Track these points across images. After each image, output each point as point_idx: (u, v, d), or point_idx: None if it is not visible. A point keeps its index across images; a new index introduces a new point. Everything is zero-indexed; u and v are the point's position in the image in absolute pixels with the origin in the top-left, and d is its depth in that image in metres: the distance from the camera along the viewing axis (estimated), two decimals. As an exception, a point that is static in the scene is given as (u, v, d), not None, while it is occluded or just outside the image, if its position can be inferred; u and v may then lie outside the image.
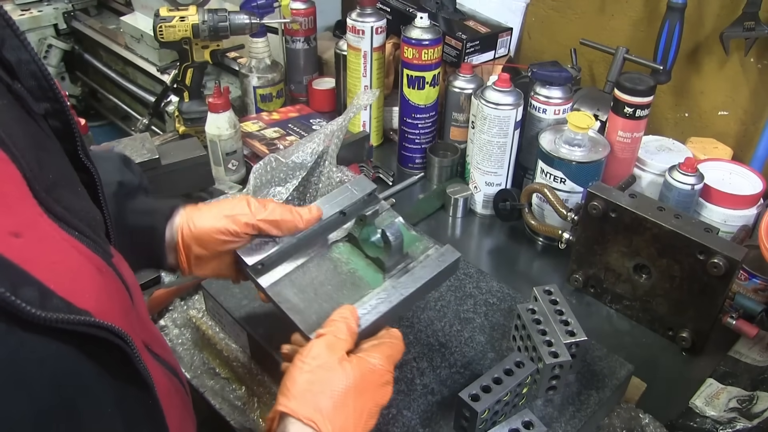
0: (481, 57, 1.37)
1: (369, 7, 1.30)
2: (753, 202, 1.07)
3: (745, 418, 0.83)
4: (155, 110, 1.58)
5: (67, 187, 0.50)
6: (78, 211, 0.49)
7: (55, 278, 0.40)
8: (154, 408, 0.50)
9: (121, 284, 0.51)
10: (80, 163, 0.55)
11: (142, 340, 0.54)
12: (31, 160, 0.45)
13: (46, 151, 0.49)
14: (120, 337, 0.43)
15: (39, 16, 2.11)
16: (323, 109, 1.53)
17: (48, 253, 0.42)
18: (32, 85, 0.49)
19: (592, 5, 1.39)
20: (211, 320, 0.92)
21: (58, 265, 0.42)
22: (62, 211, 0.46)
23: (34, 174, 0.44)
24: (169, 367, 0.60)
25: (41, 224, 0.44)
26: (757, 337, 0.93)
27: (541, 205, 1.14)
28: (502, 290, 0.91)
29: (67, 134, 0.53)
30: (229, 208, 0.70)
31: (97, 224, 0.53)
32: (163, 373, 0.58)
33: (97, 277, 0.47)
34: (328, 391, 0.57)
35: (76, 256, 0.45)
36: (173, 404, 0.58)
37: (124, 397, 0.46)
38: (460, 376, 0.78)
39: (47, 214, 0.45)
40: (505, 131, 1.15)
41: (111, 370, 0.44)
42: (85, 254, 0.47)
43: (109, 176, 0.70)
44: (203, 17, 1.29)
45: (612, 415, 0.82)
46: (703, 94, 1.30)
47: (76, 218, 0.48)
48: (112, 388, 0.44)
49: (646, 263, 0.96)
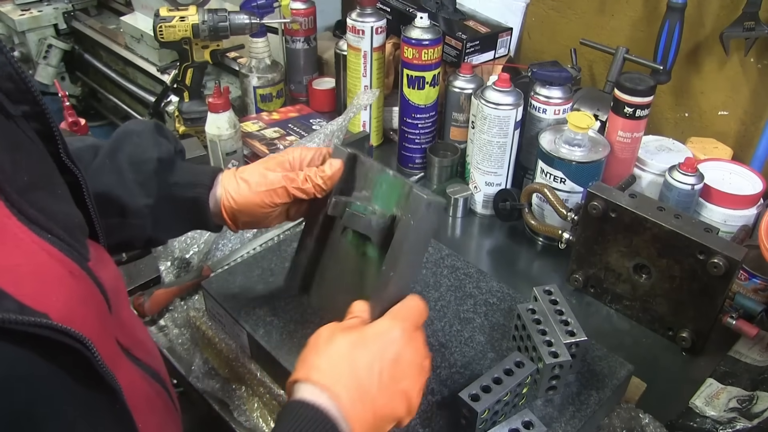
0: (481, 57, 1.37)
1: (369, 7, 1.30)
2: (753, 202, 1.07)
3: (745, 418, 0.83)
4: (155, 110, 1.58)
5: (45, 188, 0.50)
6: (55, 213, 0.49)
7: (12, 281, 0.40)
8: (122, 413, 0.49)
9: (96, 288, 0.51)
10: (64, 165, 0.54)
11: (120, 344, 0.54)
12: (3, 161, 0.44)
13: (23, 152, 0.49)
14: (79, 341, 0.42)
15: (39, 16, 2.11)
16: (323, 109, 1.53)
17: (10, 255, 0.42)
18: (9, 88, 0.49)
19: (592, 5, 1.39)
20: (211, 320, 0.92)
21: (21, 268, 0.42)
22: (35, 213, 0.46)
23: (6, 176, 0.44)
24: (151, 372, 0.60)
25: (8, 226, 0.43)
26: (757, 337, 0.93)
27: (541, 205, 1.14)
28: (502, 290, 0.91)
29: (48, 136, 0.53)
30: (266, 181, 0.73)
31: (75, 227, 0.53)
32: (141, 378, 0.57)
33: (67, 280, 0.46)
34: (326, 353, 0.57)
35: (45, 259, 0.45)
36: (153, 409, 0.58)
37: (89, 402, 0.45)
38: (460, 376, 0.78)
39: (18, 217, 0.44)
40: (505, 131, 1.15)
41: (73, 375, 0.43)
42: (56, 257, 0.46)
43: (147, 153, 0.73)
44: (203, 17, 1.29)
45: (612, 415, 0.82)
46: (703, 94, 1.30)
47: (52, 221, 0.48)
48: (75, 393, 0.43)
49: (646, 263, 0.96)
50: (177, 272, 1.04)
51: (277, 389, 0.82)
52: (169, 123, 1.58)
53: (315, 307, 0.83)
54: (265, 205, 0.73)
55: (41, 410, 0.40)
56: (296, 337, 0.81)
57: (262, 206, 0.73)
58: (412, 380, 0.59)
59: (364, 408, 0.55)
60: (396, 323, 0.60)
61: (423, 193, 0.64)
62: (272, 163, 0.75)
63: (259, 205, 0.73)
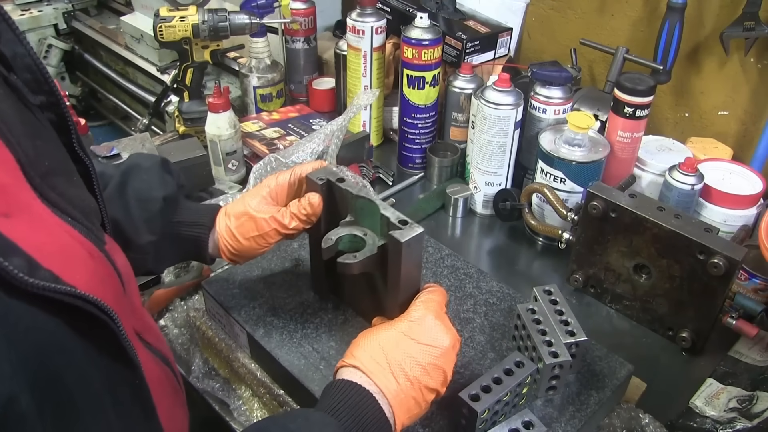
0: (481, 57, 1.37)
1: (369, 7, 1.30)
2: (753, 202, 1.07)
3: (745, 418, 0.83)
4: (155, 110, 1.58)
5: (62, 175, 0.52)
6: (72, 198, 0.51)
7: (43, 255, 0.41)
8: (141, 389, 0.51)
9: (113, 271, 0.52)
10: (76, 155, 0.56)
11: (132, 327, 0.55)
12: (27, 147, 0.46)
13: (42, 139, 0.50)
14: (106, 313, 0.44)
15: (39, 16, 2.11)
16: (323, 109, 1.53)
17: (38, 233, 0.43)
18: (28, 78, 0.51)
19: (592, 5, 1.39)
20: (211, 320, 0.92)
21: (48, 246, 0.43)
22: (56, 197, 0.48)
23: (30, 160, 0.46)
24: (161, 356, 0.61)
25: (34, 207, 0.45)
26: (757, 337, 0.93)
27: (541, 205, 1.14)
28: (502, 290, 0.91)
29: (63, 127, 0.54)
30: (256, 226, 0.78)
31: (91, 211, 0.55)
32: (154, 362, 0.59)
33: (88, 260, 0.48)
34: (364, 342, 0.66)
35: (67, 239, 0.47)
36: (164, 392, 0.59)
37: (111, 375, 0.47)
38: (460, 376, 0.78)
39: (41, 199, 0.46)
40: (505, 131, 1.15)
41: (99, 347, 0.45)
42: (77, 239, 0.48)
43: (154, 191, 0.79)
44: (203, 17, 1.29)
45: (612, 415, 0.82)
46: (703, 94, 1.30)
47: (70, 205, 0.49)
48: (99, 364, 0.45)
49: (646, 263, 0.96)
50: (177, 272, 1.04)
51: (277, 389, 0.82)
52: (169, 123, 1.58)
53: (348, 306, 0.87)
54: (260, 246, 0.79)
55: (71, 379, 0.42)
56: (296, 338, 0.81)
57: (257, 248, 0.79)
58: (445, 355, 0.65)
59: (398, 379, 0.62)
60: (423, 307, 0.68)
61: (399, 236, 0.67)
62: (256, 202, 0.79)
63: (254, 248, 0.79)
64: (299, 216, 0.76)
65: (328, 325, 0.83)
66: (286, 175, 0.81)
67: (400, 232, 0.68)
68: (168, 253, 0.81)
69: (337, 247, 0.74)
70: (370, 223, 0.74)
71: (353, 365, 0.63)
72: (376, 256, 0.71)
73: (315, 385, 0.75)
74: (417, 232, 0.68)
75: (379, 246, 0.72)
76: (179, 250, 0.82)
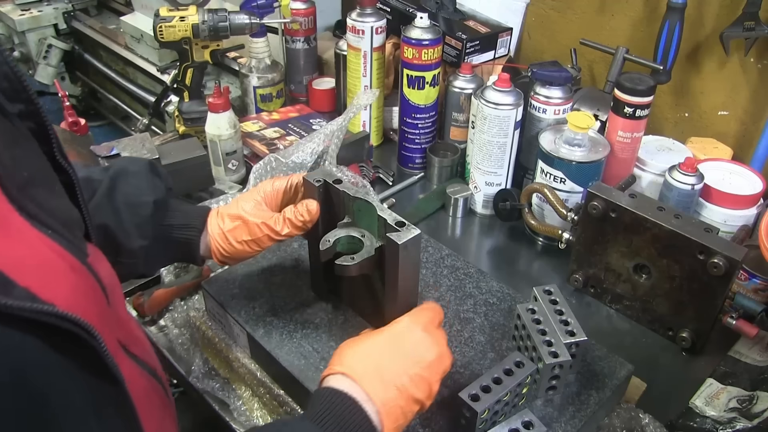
0: (481, 57, 1.37)
1: (369, 7, 1.30)
2: (753, 202, 1.07)
3: (745, 418, 0.83)
4: (155, 110, 1.58)
5: (42, 185, 0.51)
6: (53, 209, 0.50)
7: (20, 271, 0.40)
8: (125, 405, 0.50)
9: (96, 283, 0.51)
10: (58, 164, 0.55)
11: (117, 340, 0.54)
12: (4, 157, 0.45)
13: (21, 149, 0.49)
14: (85, 330, 0.43)
15: (39, 16, 2.11)
16: (323, 109, 1.53)
17: (15, 248, 0.42)
18: (5, 86, 0.50)
19: (592, 5, 1.39)
20: (211, 320, 0.92)
21: (26, 261, 0.42)
22: (35, 208, 0.47)
23: (7, 172, 0.45)
24: (148, 368, 0.60)
25: (10, 220, 0.44)
26: (757, 337, 0.93)
27: (541, 205, 1.14)
28: (502, 290, 0.91)
29: (43, 135, 0.53)
30: (248, 230, 0.79)
31: (73, 223, 0.54)
32: (139, 374, 0.58)
33: (69, 274, 0.47)
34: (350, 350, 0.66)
35: (47, 253, 0.46)
36: (152, 406, 0.58)
37: (95, 392, 0.46)
38: (460, 376, 0.78)
39: (19, 212, 0.45)
40: (505, 131, 1.15)
41: (80, 365, 0.44)
42: (57, 252, 0.47)
43: (143, 196, 0.78)
44: (203, 17, 1.29)
45: (612, 415, 0.82)
46: (703, 94, 1.30)
47: (51, 217, 0.48)
48: (81, 382, 0.44)
49: (646, 263, 0.96)
50: (177, 272, 1.04)
51: (277, 389, 0.82)
52: (169, 123, 1.58)
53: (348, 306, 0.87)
54: (252, 250, 0.80)
55: (54, 397, 0.41)
56: (296, 338, 0.81)
57: (249, 251, 0.80)
58: (430, 367, 0.65)
59: (386, 387, 0.62)
60: (410, 319, 0.68)
61: (396, 238, 0.68)
62: (250, 207, 0.80)
63: (246, 251, 0.80)
64: (294, 222, 0.77)
65: (328, 325, 0.83)
66: (282, 182, 0.82)
67: (397, 234, 0.68)
68: (159, 256, 0.82)
69: (335, 249, 0.74)
70: (367, 224, 0.75)
71: (341, 372, 0.63)
72: (373, 257, 0.71)
73: (315, 385, 0.75)
74: (414, 234, 0.68)
75: (377, 248, 0.72)
76: (170, 252, 0.82)
